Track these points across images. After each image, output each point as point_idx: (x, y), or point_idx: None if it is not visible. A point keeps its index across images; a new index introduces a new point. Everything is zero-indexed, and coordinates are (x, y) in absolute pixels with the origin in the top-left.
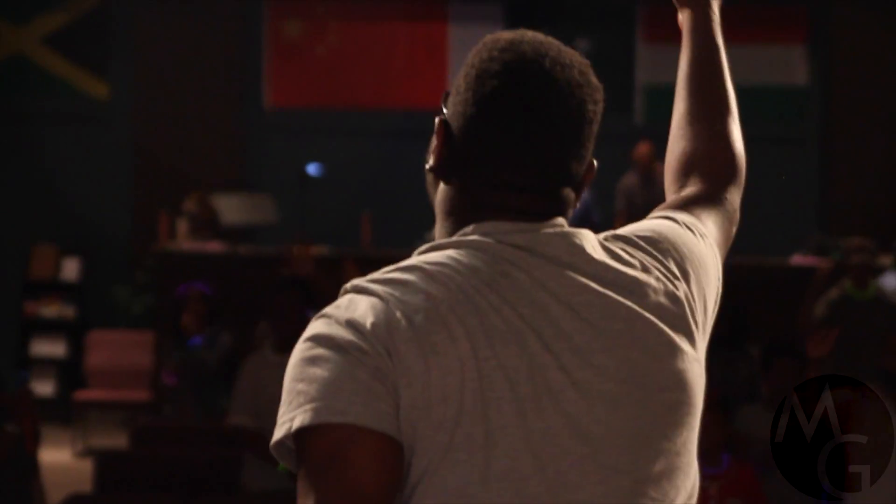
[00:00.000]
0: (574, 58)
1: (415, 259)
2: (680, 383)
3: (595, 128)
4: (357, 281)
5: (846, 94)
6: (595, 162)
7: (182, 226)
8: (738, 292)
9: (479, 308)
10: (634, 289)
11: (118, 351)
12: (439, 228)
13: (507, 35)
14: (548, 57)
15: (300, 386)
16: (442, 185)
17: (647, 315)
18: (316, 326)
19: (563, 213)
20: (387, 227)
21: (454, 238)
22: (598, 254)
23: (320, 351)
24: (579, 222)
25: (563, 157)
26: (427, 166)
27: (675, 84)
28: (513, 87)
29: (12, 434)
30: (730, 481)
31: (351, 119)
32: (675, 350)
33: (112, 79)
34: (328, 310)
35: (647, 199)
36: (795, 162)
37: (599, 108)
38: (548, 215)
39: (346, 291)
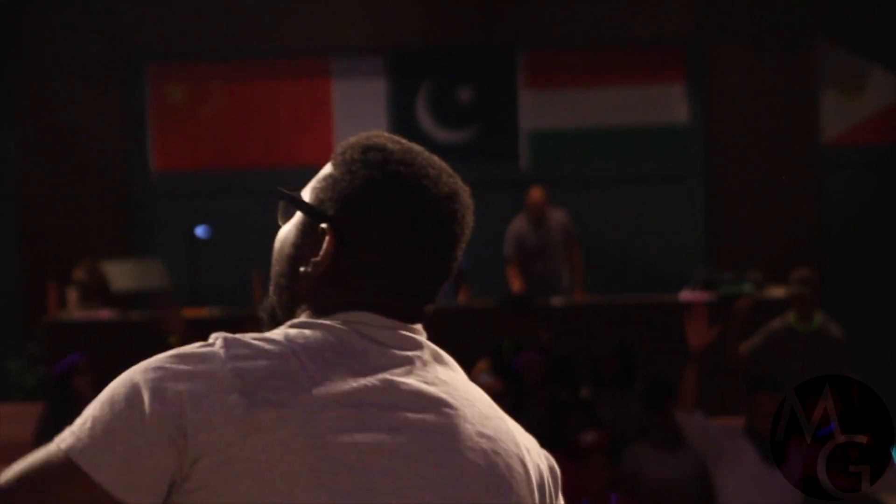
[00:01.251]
0: (457, 178)
1: (285, 332)
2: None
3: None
4: (228, 337)
5: (727, 130)
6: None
7: (72, 295)
8: (627, 330)
9: (324, 392)
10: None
11: (13, 425)
12: (310, 313)
13: (397, 146)
14: (434, 167)
15: (92, 410)
16: (319, 279)
17: (479, 446)
18: (148, 365)
19: (424, 316)
20: None
21: (319, 322)
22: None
23: (126, 392)
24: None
25: (449, 266)
26: (309, 268)
27: (558, 129)
28: (416, 203)
29: None
30: None
31: (238, 178)
32: (502, 485)
33: None
34: (192, 347)
35: (538, 243)
36: (679, 199)
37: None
38: (411, 318)
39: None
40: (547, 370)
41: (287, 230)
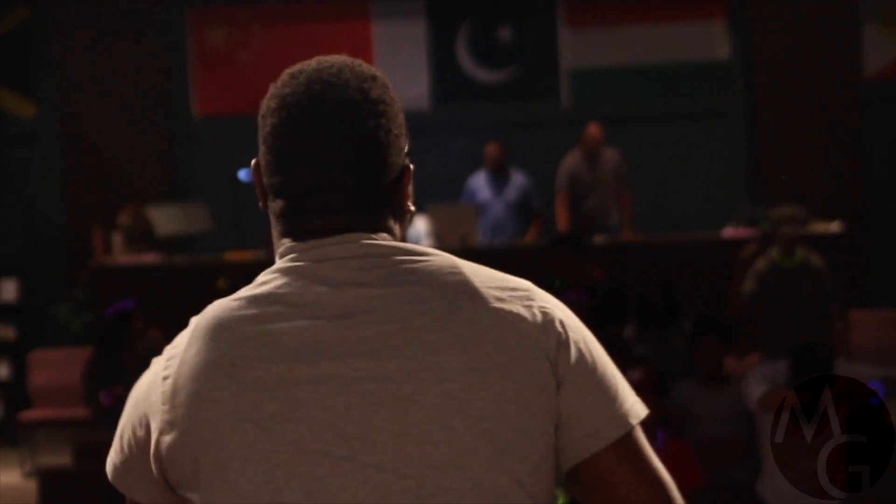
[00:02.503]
0: (351, 77)
1: (200, 315)
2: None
3: (386, 138)
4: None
5: (768, 66)
6: (410, 166)
7: (117, 239)
8: (671, 268)
9: (228, 339)
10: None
11: (61, 369)
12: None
13: (291, 69)
14: (319, 82)
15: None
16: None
17: (427, 314)
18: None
19: (375, 226)
20: None
21: (259, 278)
22: (386, 263)
23: (134, 408)
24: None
25: (346, 174)
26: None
27: (599, 67)
28: (286, 119)
29: None
30: (664, 457)
31: None
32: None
33: (39, 97)
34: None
35: (590, 179)
36: (722, 135)
37: (385, 119)
38: (349, 231)
39: None
40: (592, 308)
41: None
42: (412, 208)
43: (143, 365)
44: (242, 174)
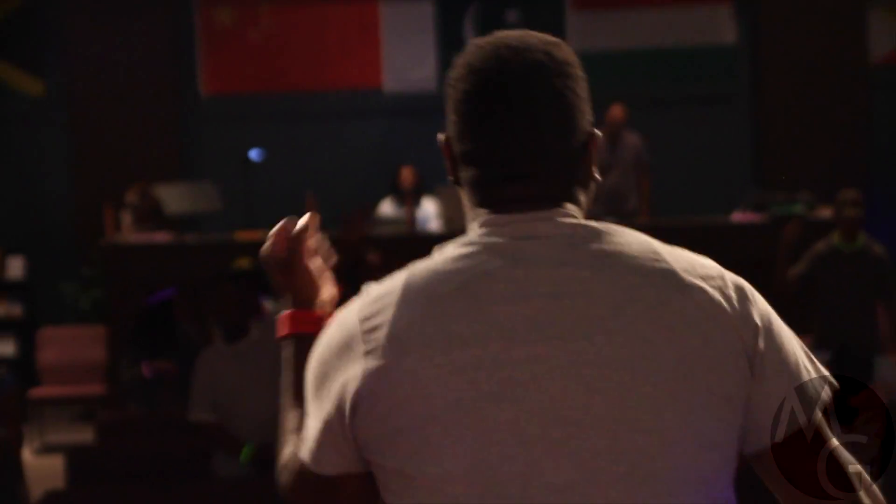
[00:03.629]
0: (537, 41)
1: (411, 266)
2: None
3: (575, 100)
4: (368, 288)
5: (774, 51)
6: (597, 132)
7: (126, 218)
8: None
9: (442, 314)
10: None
11: (70, 346)
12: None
13: (475, 41)
14: (505, 46)
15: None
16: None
17: (639, 302)
18: (326, 330)
19: (567, 194)
20: (330, 206)
21: (462, 238)
22: (590, 242)
23: (309, 385)
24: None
25: (539, 137)
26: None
27: (606, 51)
28: (477, 84)
29: (1, 438)
30: None
31: (287, 102)
32: (665, 338)
33: (47, 75)
34: (340, 312)
35: (610, 160)
36: (727, 120)
37: (573, 81)
38: (546, 199)
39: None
40: None
41: None
42: (598, 177)
43: (186, 350)
44: (253, 154)
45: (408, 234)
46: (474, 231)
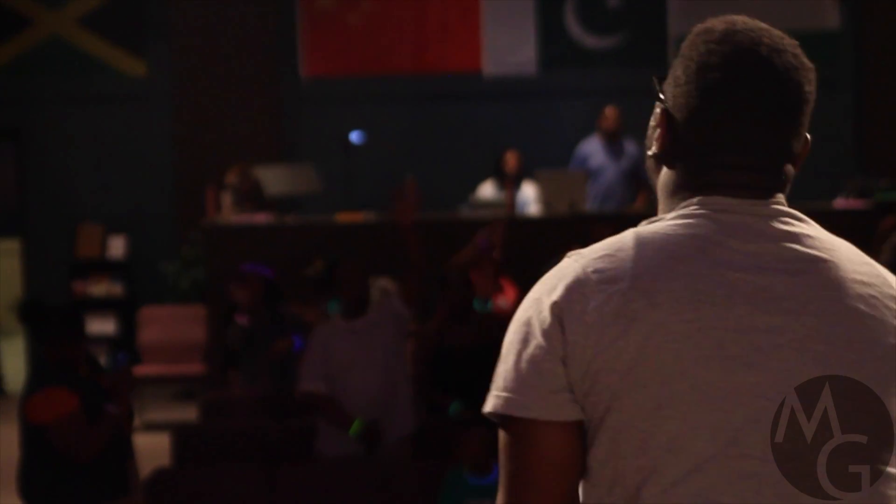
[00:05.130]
0: (786, 42)
1: (634, 230)
2: (890, 356)
3: (810, 107)
4: (577, 251)
5: (878, 36)
6: (809, 137)
7: (226, 199)
8: None
9: (687, 272)
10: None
11: (170, 326)
12: (662, 207)
13: (719, 26)
14: (762, 45)
15: (501, 366)
16: (665, 170)
17: (857, 292)
18: (527, 299)
19: (784, 189)
20: (430, 190)
21: (677, 210)
22: (808, 230)
23: (519, 333)
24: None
25: (783, 138)
26: (650, 153)
27: None
28: (734, 77)
29: (113, 416)
30: None
31: (386, 85)
32: (885, 327)
33: (149, 57)
34: (543, 280)
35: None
36: (830, 106)
37: (813, 87)
38: (770, 191)
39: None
40: None
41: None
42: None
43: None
44: (354, 136)
45: (507, 217)
46: (693, 205)
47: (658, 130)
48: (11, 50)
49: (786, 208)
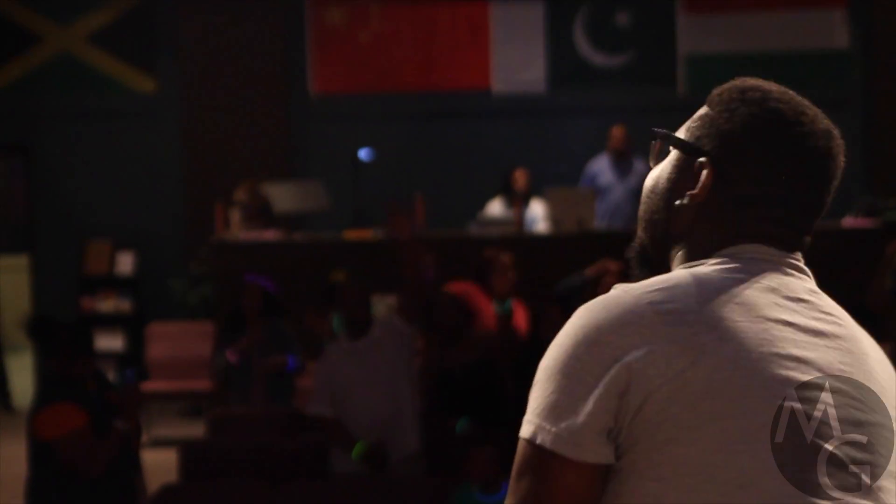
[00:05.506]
0: (824, 116)
1: (680, 269)
2: None
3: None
4: (623, 285)
5: (888, 55)
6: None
7: (235, 216)
8: None
9: (749, 309)
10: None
11: (178, 342)
12: (687, 255)
13: (771, 87)
14: (821, 119)
15: (536, 391)
16: (697, 217)
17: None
18: (575, 331)
19: (802, 247)
20: (438, 207)
21: (720, 256)
22: (823, 299)
23: (568, 366)
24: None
25: (820, 202)
26: (681, 202)
27: (716, 54)
28: (803, 137)
29: (121, 431)
30: None
31: (395, 102)
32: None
33: (158, 73)
34: (590, 311)
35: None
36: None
37: (841, 163)
38: (793, 247)
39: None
40: None
41: (661, 168)
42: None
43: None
44: (363, 153)
45: (516, 235)
46: (725, 255)
47: (704, 180)
48: (21, 66)
49: (805, 268)
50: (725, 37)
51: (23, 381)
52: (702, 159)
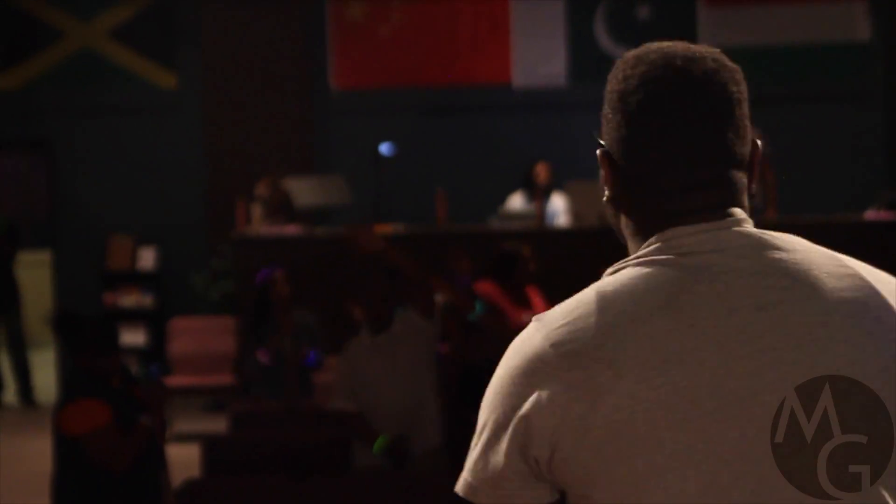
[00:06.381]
0: (704, 51)
1: (596, 287)
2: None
3: (745, 107)
4: (540, 317)
5: None
6: (759, 141)
7: (256, 211)
8: None
9: (651, 334)
10: (815, 284)
11: (200, 337)
12: (630, 251)
13: (632, 52)
14: (677, 56)
15: (475, 440)
16: (623, 214)
17: (840, 309)
18: (497, 377)
19: (739, 201)
20: (460, 202)
21: (636, 257)
22: (777, 251)
23: (484, 411)
24: None
25: (720, 143)
26: (604, 198)
27: (737, 47)
28: (654, 94)
29: (147, 427)
30: None
31: (417, 96)
32: (878, 342)
33: (180, 69)
34: (509, 354)
35: None
36: (860, 118)
37: (743, 87)
38: (724, 206)
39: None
40: None
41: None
42: (754, 189)
43: (297, 331)
44: (384, 148)
45: (537, 229)
46: (654, 246)
47: (602, 172)
48: (43, 62)
49: (746, 229)
50: (746, 29)
51: (45, 378)
52: (598, 151)
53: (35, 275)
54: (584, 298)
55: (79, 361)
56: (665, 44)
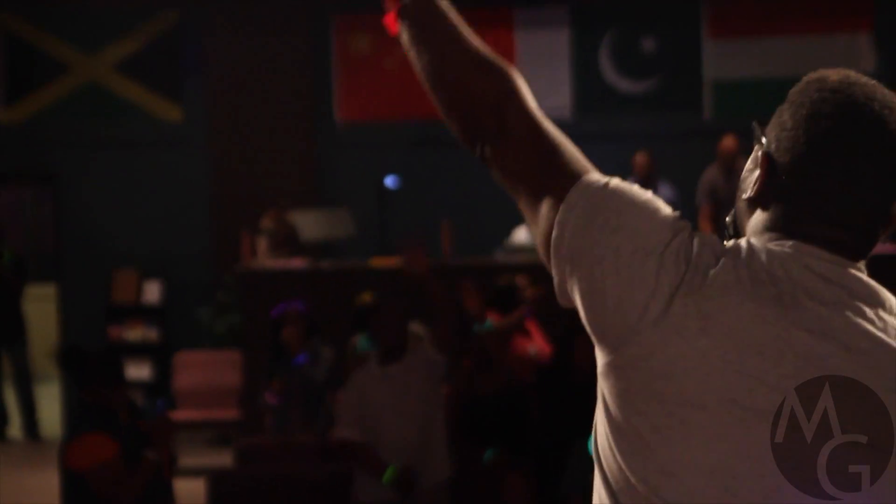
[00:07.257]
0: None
1: (749, 244)
2: None
3: None
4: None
5: None
6: None
7: (262, 244)
8: None
9: (753, 317)
10: None
11: (205, 371)
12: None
13: (834, 76)
14: (877, 101)
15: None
16: (758, 212)
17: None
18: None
19: (861, 250)
20: (465, 235)
21: (773, 243)
22: (879, 306)
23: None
24: None
25: (884, 199)
26: (745, 196)
27: (742, 79)
28: (845, 129)
29: (153, 460)
30: None
31: (422, 129)
32: None
33: (185, 102)
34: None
35: (729, 192)
36: None
37: None
38: (858, 255)
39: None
40: None
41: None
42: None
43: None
44: (389, 181)
45: (542, 262)
46: (787, 248)
47: (757, 173)
48: (48, 96)
49: (868, 281)
50: (751, 62)
51: (51, 412)
52: (758, 151)
53: (40, 308)
54: (736, 244)
55: (84, 395)
56: (865, 79)
